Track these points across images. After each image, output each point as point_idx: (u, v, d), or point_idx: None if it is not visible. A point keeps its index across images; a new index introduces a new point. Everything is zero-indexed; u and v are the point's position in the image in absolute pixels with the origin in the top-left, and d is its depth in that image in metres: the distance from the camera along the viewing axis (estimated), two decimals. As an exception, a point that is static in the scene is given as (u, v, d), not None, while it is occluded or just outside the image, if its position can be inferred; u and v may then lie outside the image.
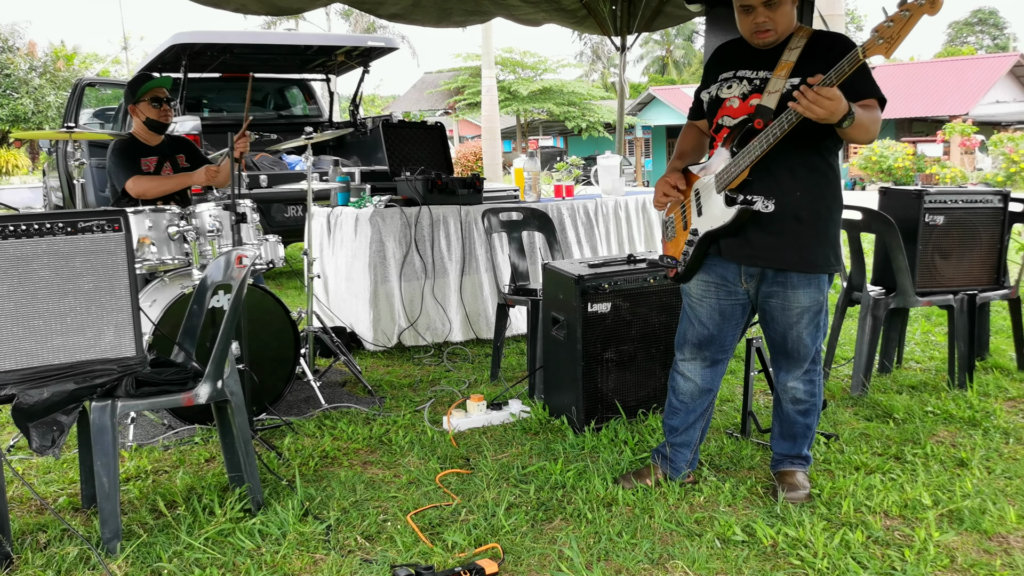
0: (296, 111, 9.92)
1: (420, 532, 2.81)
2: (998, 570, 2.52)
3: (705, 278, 3.04)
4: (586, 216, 5.98)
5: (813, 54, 2.78)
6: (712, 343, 3.08)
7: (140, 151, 4.68)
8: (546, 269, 4.04)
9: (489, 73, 21.03)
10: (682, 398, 3.17)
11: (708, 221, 2.94)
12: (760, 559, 2.61)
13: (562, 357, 3.90)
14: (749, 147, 2.75)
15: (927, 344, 5.32)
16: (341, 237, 5.52)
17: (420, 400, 4.35)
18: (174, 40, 7.46)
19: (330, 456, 3.56)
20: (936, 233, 4.26)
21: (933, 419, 3.85)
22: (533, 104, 33.27)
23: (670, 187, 3.05)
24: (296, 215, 7.75)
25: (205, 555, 2.68)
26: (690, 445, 3.19)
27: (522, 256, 4.89)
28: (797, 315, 2.93)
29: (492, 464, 3.42)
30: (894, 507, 2.93)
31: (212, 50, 7.86)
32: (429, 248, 5.37)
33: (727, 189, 2.85)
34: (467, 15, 6.94)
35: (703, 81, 3.11)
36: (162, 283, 4.15)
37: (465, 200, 5.51)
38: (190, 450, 3.66)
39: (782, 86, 2.77)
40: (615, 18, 7.50)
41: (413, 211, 5.32)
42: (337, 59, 8.59)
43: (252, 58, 8.59)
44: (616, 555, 2.65)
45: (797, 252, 2.86)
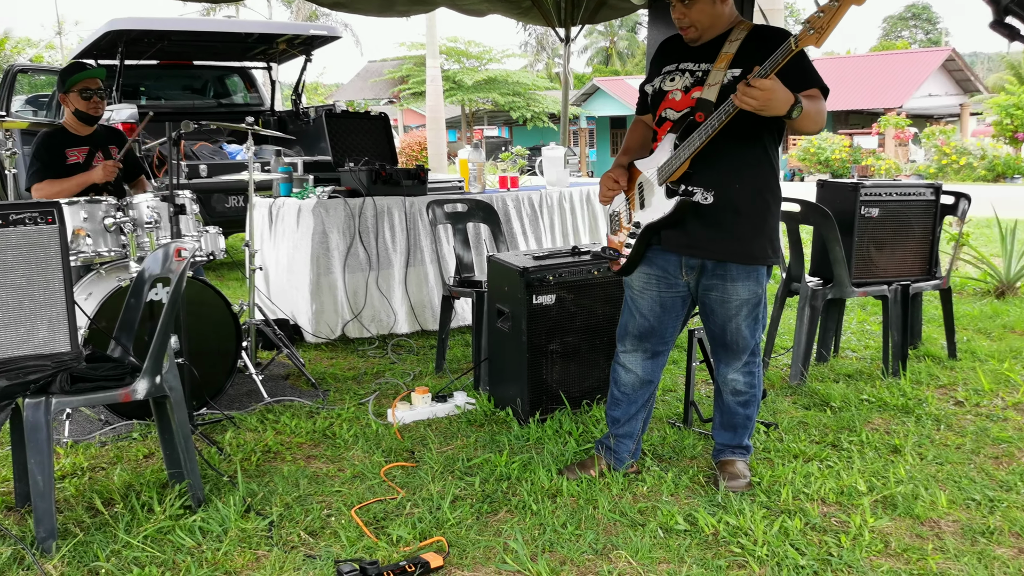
0: (237, 99, 9.74)
1: (364, 526, 2.80)
2: (930, 554, 2.59)
3: (646, 270, 3.07)
4: (531, 207, 5.99)
5: (752, 46, 2.82)
6: (653, 335, 3.11)
7: (68, 142, 4.55)
8: (491, 261, 4.04)
9: (434, 63, 20.92)
10: (624, 389, 3.20)
11: (650, 213, 2.97)
12: (702, 547, 2.66)
13: (507, 349, 3.91)
14: (689, 139, 2.79)
15: (863, 333, 5.45)
16: (283, 228, 5.45)
17: (364, 393, 4.32)
18: (110, 26, 7.27)
19: (273, 451, 3.52)
20: (871, 225, 4.36)
21: (868, 407, 3.95)
22: (478, 94, 33.21)
23: (612, 182, 3.08)
24: (237, 205, 7.63)
25: (144, 553, 2.64)
26: (633, 436, 3.23)
27: (467, 248, 4.89)
28: (736, 307, 2.97)
29: (437, 457, 3.42)
30: (831, 494, 3.00)
31: (149, 37, 7.68)
32: (373, 239, 5.34)
33: (668, 181, 2.88)
34: (411, 4, 6.90)
35: (648, 74, 3.14)
36: (98, 276, 4.05)
37: (410, 191, 5.48)
38: (128, 446, 3.59)
39: (722, 78, 2.81)
40: (559, 9, 7.52)
41: (357, 202, 5.27)
42: (279, 47, 8.46)
43: (191, 45, 8.41)
44: (560, 546, 2.67)
45: (736, 244, 2.91)
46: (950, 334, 4.80)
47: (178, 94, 9.52)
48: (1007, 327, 5.55)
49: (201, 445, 3.49)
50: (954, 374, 4.48)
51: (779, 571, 2.50)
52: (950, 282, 4.71)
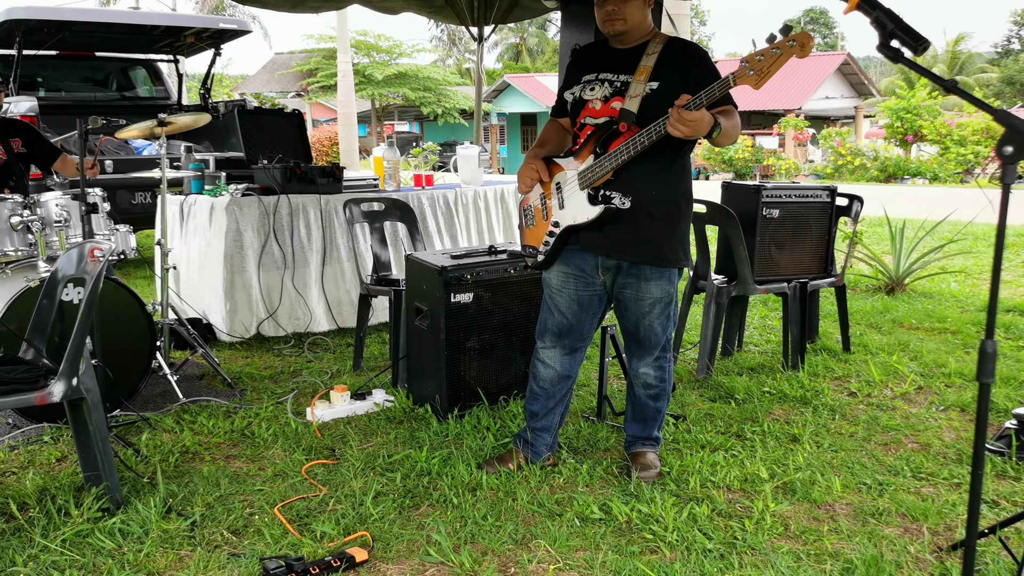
0: (141, 92, 9.50)
1: (288, 524, 2.83)
2: (826, 535, 2.78)
3: (564, 269, 3.18)
4: (446, 206, 6.06)
5: (668, 60, 2.98)
6: (571, 332, 3.23)
7: None
8: (409, 260, 4.10)
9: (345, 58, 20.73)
10: (543, 384, 3.31)
11: (570, 215, 3.08)
12: (616, 535, 2.79)
13: (425, 346, 3.97)
14: (616, 151, 2.91)
15: (764, 328, 5.71)
16: (195, 226, 5.38)
17: (282, 392, 4.33)
18: (7, 15, 7.02)
19: (191, 451, 3.51)
20: (772, 225, 4.59)
21: (770, 399, 4.17)
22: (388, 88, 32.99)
23: (534, 173, 3.18)
24: (144, 202, 7.47)
25: (63, 557, 2.62)
26: (550, 429, 3.34)
27: (384, 246, 4.93)
28: (649, 305, 3.12)
29: (358, 454, 3.47)
30: (735, 481, 3.18)
31: (49, 26, 7.44)
32: (289, 237, 5.32)
33: (590, 187, 3.00)
34: (323, 1, 6.86)
35: (566, 81, 3.25)
36: (4, 276, 3.94)
37: (325, 189, 5.48)
38: (39, 449, 3.52)
39: (642, 90, 2.95)
40: (472, 9, 7.58)
41: (271, 200, 5.25)
42: (187, 40, 8.30)
43: (93, 36, 8.18)
44: (482, 537, 2.76)
45: (649, 247, 3.05)
46: (844, 329, 5.08)
47: (79, 86, 9.22)
48: (896, 322, 5.89)
49: (117, 447, 3.45)
50: (848, 367, 4.74)
51: (688, 555, 2.65)
52: (844, 279, 4.98)
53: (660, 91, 2.95)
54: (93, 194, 3.95)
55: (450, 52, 44.69)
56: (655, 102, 2.93)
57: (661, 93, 2.95)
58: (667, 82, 2.95)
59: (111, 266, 4.50)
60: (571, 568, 2.59)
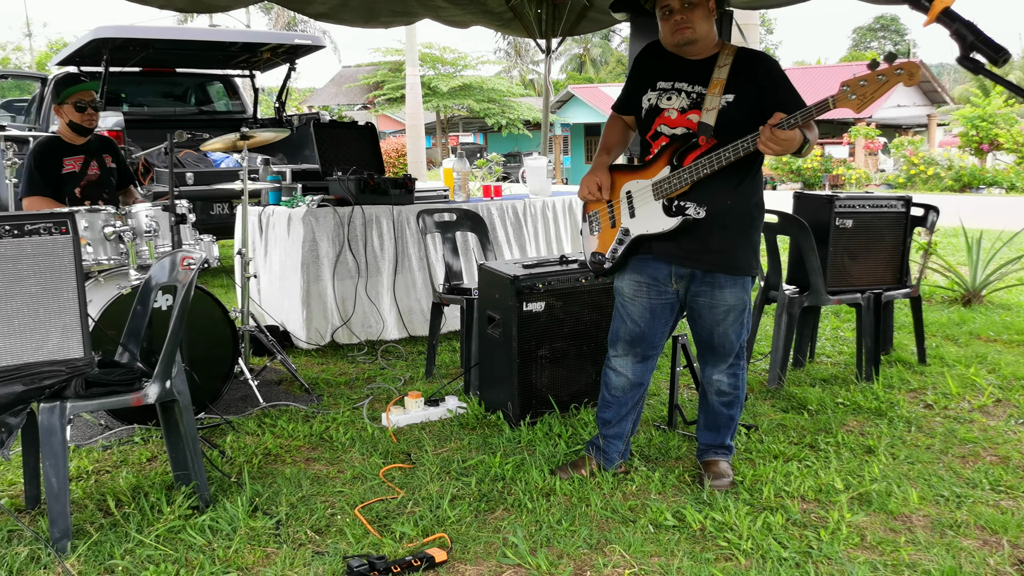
0: (219, 107, 9.81)
1: (368, 524, 2.92)
2: (902, 546, 2.76)
3: (637, 278, 3.22)
4: (515, 216, 6.14)
5: (741, 72, 3.02)
6: (643, 340, 3.27)
7: (64, 151, 4.63)
8: (482, 269, 4.18)
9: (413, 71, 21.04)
10: (615, 392, 3.35)
11: (643, 224, 3.12)
12: (690, 542, 2.81)
13: (497, 354, 4.04)
14: (697, 164, 2.96)
15: (836, 340, 5.65)
16: (274, 236, 5.55)
17: (357, 397, 4.44)
18: (95, 34, 7.33)
19: (273, 453, 3.63)
20: (845, 236, 4.55)
21: (843, 410, 4.13)
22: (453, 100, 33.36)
23: (596, 187, 3.22)
24: (222, 213, 7.71)
25: (157, 551, 2.74)
26: (622, 436, 3.38)
27: (456, 256, 5.02)
28: (723, 313, 3.14)
29: (433, 458, 3.54)
30: (810, 491, 3.17)
31: (134, 45, 7.74)
32: (362, 247, 5.45)
33: (665, 198, 3.04)
34: (394, 16, 7.01)
35: (637, 81, 3.23)
36: (97, 283, 4.13)
37: (397, 200, 5.60)
38: (130, 450, 3.68)
39: (718, 103, 2.99)
40: (540, 22, 7.67)
41: (346, 211, 5.39)
42: (262, 56, 8.55)
43: (174, 53, 8.48)
44: (557, 541, 2.81)
45: (723, 256, 3.09)
46: (920, 340, 5.00)
47: (160, 101, 9.57)
48: (973, 334, 5.77)
49: (204, 448, 3.59)
50: (924, 379, 4.67)
51: (764, 563, 2.66)
52: (919, 291, 4.91)
53: (736, 104, 2.99)
54: (181, 205, 4.12)
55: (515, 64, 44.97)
56: (731, 115, 2.98)
57: (737, 106, 2.99)
58: (742, 95, 2.99)
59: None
60: (647, 573, 2.63)
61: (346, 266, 5.39)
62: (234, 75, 9.67)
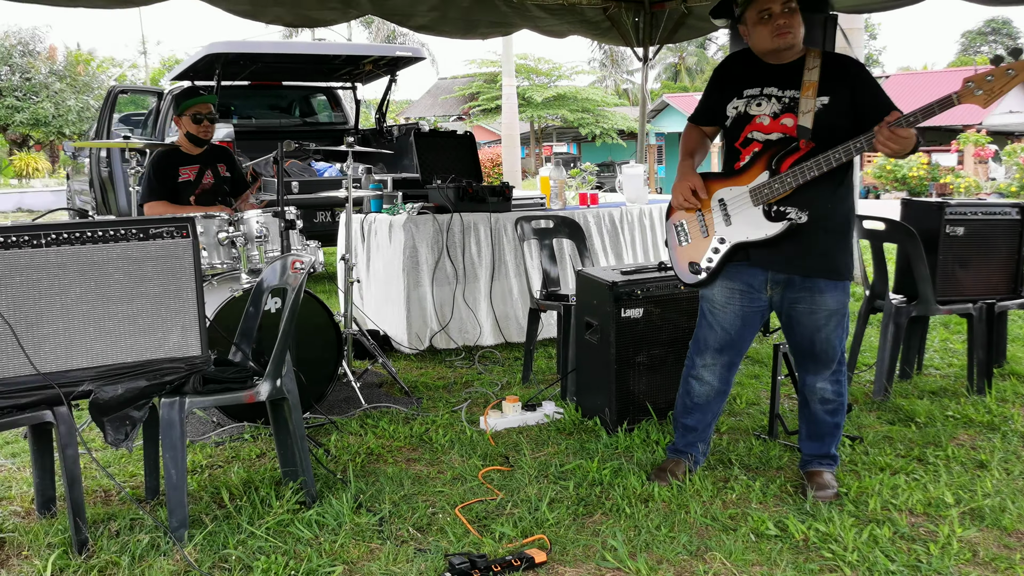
0: (321, 118, 10.12)
1: (469, 524, 2.97)
2: (1018, 563, 2.66)
3: (730, 285, 3.19)
4: (611, 224, 6.14)
5: (833, 74, 3.02)
6: (732, 347, 3.26)
7: (180, 160, 4.87)
8: (579, 275, 4.20)
9: (509, 81, 21.23)
10: (698, 400, 3.35)
11: (741, 232, 3.10)
12: (793, 552, 2.76)
13: (595, 360, 4.05)
14: (802, 168, 2.94)
15: (946, 351, 5.46)
16: (376, 243, 5.69)
17: (456, 401, 4.51)
18: (209, 50, 7.66)
19: (375, 453, 3.73)
20: (956, 244, 4.39)
21: (953, 423, 3.99)
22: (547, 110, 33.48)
23: (690, 193, 3.20)
24: (325, 221, 7.94)
25: (267, 543, 2.85)
26: (706, 439, 3.42)
27: (553, 263, 5.06)
28: (825, 318, 3.10)
29: (531, 462, 3.58)
30: (918, 505, 3.08)
31: (244, 59, 8.06)
32: (460, 254, 5.54)
33: (765, 203, 3.01)
34: (492, 27, 7.12)
35: (719, 91, 3.23)
36: (210, 287, 4.32)
37: (495, 208, 5.68)
38: (241, 446, 3.83)
39: (813, 106, 2.97)
40: (638, 30, 7.66)
41: (445, 218, 5.48)
42: (364, 68, 8.78)
43: (281, 67, 8.79)
44: (657, 546, 2.80)
45: (825, 260, 3.06)
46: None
47: (267, 113, 9.93)
48: (1095, 347, 5.49)
49: (310, 446, 3.70)
50: (1040, 393, 4.48)
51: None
52: (1036, 301, 4.70)
53: (831, 106, 2.98)
54: (290, 211, 4.27)
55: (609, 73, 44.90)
56: (827, 118, 2.98)
57: (832, 108, 2.98)
58: (836, 97, 2.99)
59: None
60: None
61: (444, 272, 5.49)
62: (337, 87, 9.95)
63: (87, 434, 3.97)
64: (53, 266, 2.82)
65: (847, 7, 6.05)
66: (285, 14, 5.94)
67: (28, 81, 28.19)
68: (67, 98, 28.41)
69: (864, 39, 25.03)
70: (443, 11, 6.42)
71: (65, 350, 2.84)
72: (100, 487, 3.41)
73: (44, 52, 29.65)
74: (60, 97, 28.32)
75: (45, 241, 2.81)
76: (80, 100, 28.57)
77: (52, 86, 28.53)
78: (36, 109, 27.75)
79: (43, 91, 28.25)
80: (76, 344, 2.85)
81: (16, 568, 2.74)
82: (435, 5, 6.31)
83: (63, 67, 29.59)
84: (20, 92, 28.03)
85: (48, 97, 28.15)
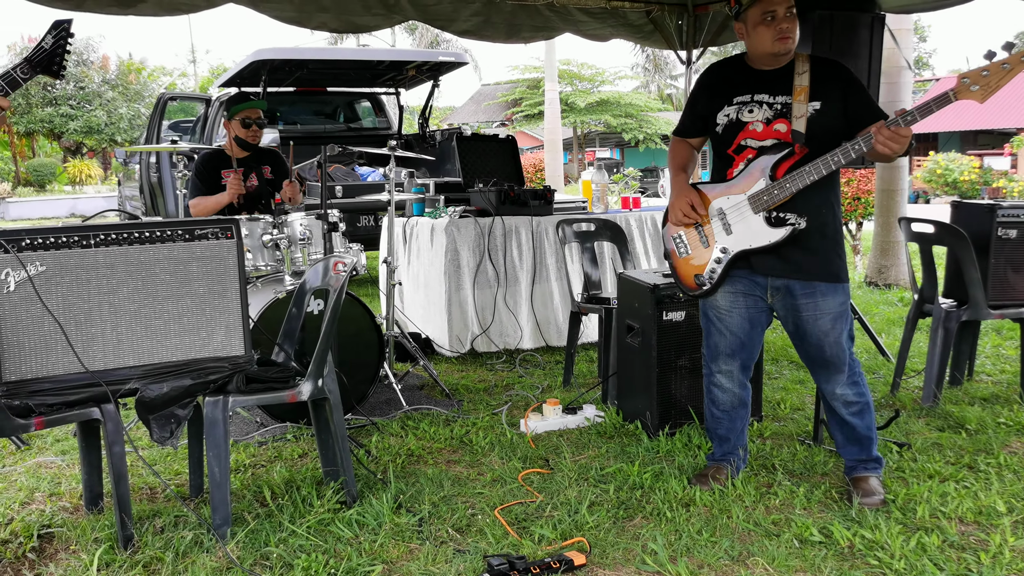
0: (366, 123, 10.20)
1: (508, 526, 2.96)
2: (1074, 575, 2.58)
3: (731, 289, 3.20)
4: (654, 227, 6.10)
5: (823, 78, 3.03)
6: (743, 349, 3.27)
7: (225, 163, 4.94)
8: (621, 278, 4.17)
9: (552, 86, 21.24)
10: (723, 408, 3.35)
11: (743, 239, 3.09)
12: (838, 559, 2.71)
13: (636, 364, 4.02)
14: (800, 173, 2.94)
15: (998, 358, 5.32)
16: (417, 246, 5.72)
17: (496, 404, 4.51)
18: (255, 56, 7.76)
19: (416, 454, 3.74)
20: (1008, 247, 4.29)
21: (1006, 430, 3.89)
22: (590, 116, 33.45)
23: (689, 208, 3.17)
24: (368, 225, 7.99)
25: (308, 542, 2.87)
26: (742, 444, 3.39)
27: (595, 266, 5.03)
28: (831, 321, 3.09)
29: (571, 465, 3.56)
30: (969, 513, 3.00)
31: (289, 65, 8.15)
32: (501, 257, 5.54)
33: (765, 210, 3.01)
34: (535, 31, 7.11)
35: (707, 100, 3.21)
36: (255, 288, 4.37)
37: (536, 211, 5.68)
38: (283, 446, 3.87)
39: (806, 111, 2.99)
40: (681, 33, 7.60)
41: (486, 221, 5.49)
42: (408, 73, 8.83)
43: (326, 72, 8.87)
44: (698, 551, 2.77)
45: (824, 265, 3.08)
46: (1093, 359, 4.64)
47: (312, 119, 10.03)
48: None
49: (351, 447, 3.73)
50: (1098, 400, 4.35)
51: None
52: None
53: (823, 111, 3.01)
54: (332, 214, 4.31)
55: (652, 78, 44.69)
56: (820, 122, 3.00)
57: (824, 112, 3.01)
58: (828, 101, 3.01)
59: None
60: (791, 588, 2.55)
61: (486, 276, 5.50)
62: (380, 93, 10.02)
63: (134, 432, 4.03)
64: (102, 266, 2.88)
65: (894, 7, 5.94)
66: (330, 20, 6.00)
67: (82, 90, 28.84)
68: (119, 106, 29.01)
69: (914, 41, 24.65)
70: (486, 15, 6.43)
71: (113, 349, 2.89)
72: (146, 484, 3.46)
73: (97, 62, 30.30)
74: (112, 105, 28.92)
75: (94, 242, 2.87)
76: (131, 108, 29.15)
77: (104, 95, 29.14)
78: (89, 117, 28.37)
79: (96, 100, 28.87)
80: (123, 343, 2.91)
81: (64, 562, 2.79)
82: (478, 10, 6.33)
83: (115, 76, 30.21)
84: (74, 101, 28.69)
85: (101, 105, 28.76)
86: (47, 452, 3.90)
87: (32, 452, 3.91)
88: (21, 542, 2.92)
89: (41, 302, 2.77)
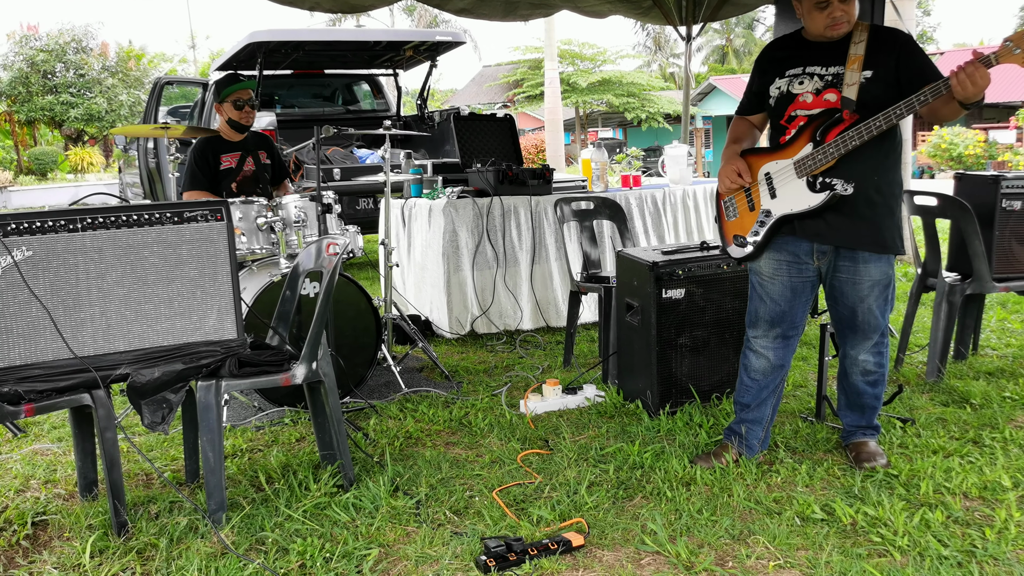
0: (364, 105, 10.12)
1: (506, 507, 2.93)
2: (1081, 550, 2.54)
3: (776, 256, 3.15)
4: (654, 205, 6.04)
5: (878, 47, 2.96)
6: (784, 319, 3.19)
7: (222, 148, 4.87)
8: (620, 256, 4.12)
9: (552, 66, 21.09)
10: (754, 375, 3.27)
11: (786, 204, 3.04)
12: (840, 536, 2.67)
13: (636, 343, 3.98)
14: (844, 137, 2.88)
15: (1003, 331, 5.27)
16: (416, 228, 5.67)
17: (496, 385, 4.47)
18: (250, 39, 7.68)
19: (414, 437, 3.70)
20: (1013, 218, 4.23)
21: (1011, 405, 3.84)
22: (592, 95, 33.20)
23: (736, 175, 3.17)
24: (367, 207, 7.94)
25: (304, 526, 2.84)
26: (762, 422, 3.29)
27: (594, 245, 4.98)
28: (868, 288, 3.05)
29: (571, 445, 3.52)
30: (973, 488, 2.96)
31: (286, 48, 8.08)
32: (500, 238, 5.49)
33: (809, 175, 2.95)
34: (533, 8, 7.02)
35: (762, 77, 3.21)
36: (250, 271, 4.33)
37: (535, 191, 5.62)
38: (281, 430, 3.83)
39: (858, 78, 2.93)
40: (680, 8, 7.50)
41: (485, 202, 5.44)
42: (405, 54, 8.74)
43: (322, 55, 8.79)
44: (698, 530, 2.73)
45: (871, 232, 3.01)
46: (1100, 332, 4.60)
47: (310, 102, 9.96)
48: None
49: (348, 430, 3.69)
50: (1104, 373, 4.29)
51: (922, 561, 2.49)
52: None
53: (875, 79, 2.96)
54: (327, 195, 4.26)
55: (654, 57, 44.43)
56: (871, 90, 2.94)
57: (876, 81, 2.95)
58: (880, 70, 2.95)
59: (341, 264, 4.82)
60: (792, 566, 2.51)
61: (485, 256, 5.45)
62: (378, 74, 9.94)
63: (128, 420, 4.00)
64: (90, 250, 2.83)
65: (897, -22, 5.86)
66: (323, 1, 5.93)
67: (82, 77, 28.71)
68: (119, 93, 28.89)
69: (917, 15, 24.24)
70: (482, -7, 6.35)
71: (103, 334, 2.85)
72: (141, 470, 3.44)
73: (96, 49, 30.13)
74: (112, 92, 28.79)
75: (81, 226, 2.83)
76: (132, 95, 29.03)
77: (104, 82, 29.01)
78: (90, 105, 28.25)
79: (96, 87, 28.74)
80: (113, 328, 2.87)
81: (58, 549, 2.76)
82: (474, -13, 6.25)
83: (115, 63, 30.07)
84: (74, 88, 28.58)
85: (101, 93, 28.64)
86: (43, 439, 3.87)
87: (28, 439, 3.88)
88: (15, 529, 2.90)
89: (27, 287, 2.73)
